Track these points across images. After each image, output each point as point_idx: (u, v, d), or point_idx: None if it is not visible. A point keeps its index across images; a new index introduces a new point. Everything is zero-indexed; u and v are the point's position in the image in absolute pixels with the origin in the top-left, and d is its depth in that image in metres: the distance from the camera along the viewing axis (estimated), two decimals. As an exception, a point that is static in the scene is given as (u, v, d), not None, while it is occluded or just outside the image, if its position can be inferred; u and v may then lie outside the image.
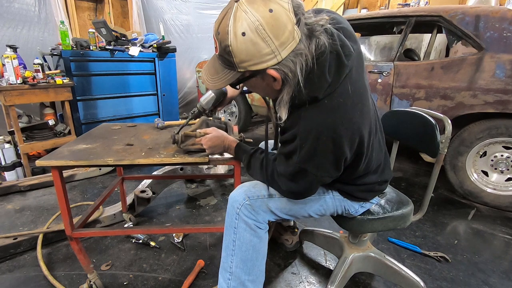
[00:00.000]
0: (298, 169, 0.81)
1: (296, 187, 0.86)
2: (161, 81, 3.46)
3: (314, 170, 0.81)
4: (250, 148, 1.05)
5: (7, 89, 2.20)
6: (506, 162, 1.98)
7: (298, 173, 0.83)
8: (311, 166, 0.80)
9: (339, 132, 0.76)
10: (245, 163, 1.03)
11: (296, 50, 0.69)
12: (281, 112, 0.78)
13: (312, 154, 0.78)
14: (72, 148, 1.13)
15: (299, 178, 0.84)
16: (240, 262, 0.95)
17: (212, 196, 2.16)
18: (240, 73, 0.74)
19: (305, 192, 0.89)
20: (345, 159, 0.81)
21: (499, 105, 1.84)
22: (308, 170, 0.81)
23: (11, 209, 1.95)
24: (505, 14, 1.83)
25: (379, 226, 1.06)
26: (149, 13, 4.16)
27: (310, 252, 1.55)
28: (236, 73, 0.74)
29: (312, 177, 0.82)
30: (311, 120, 0.77)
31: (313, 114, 0.77)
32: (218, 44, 0.72)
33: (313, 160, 0.79)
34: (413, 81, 2.13)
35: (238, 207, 0.93)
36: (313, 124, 0.76)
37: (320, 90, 0.75)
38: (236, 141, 1.08)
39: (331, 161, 0.80)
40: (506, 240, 1.68)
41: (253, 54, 0.68)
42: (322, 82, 0.75)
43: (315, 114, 0.77)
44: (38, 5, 3.29)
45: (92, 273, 1.24)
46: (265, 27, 0.65)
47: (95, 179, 2.42)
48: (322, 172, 0.82)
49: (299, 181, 0.84)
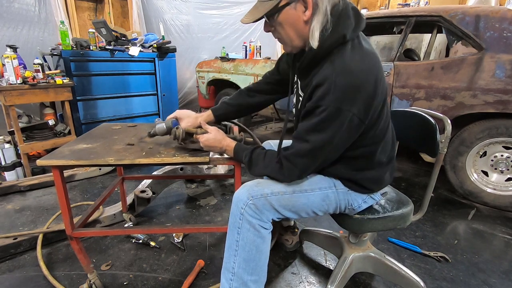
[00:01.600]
0: (332, 110, 0.80)
1: (320, 140, 0.84)
2: (161, 81, 3.46)
3: (348, 106, 0.79)
4: (250, 146, 1.05)
5: (7, 89, 2.20)
6: (506, 162, 1.98)
7: (331, 117, 0.81)
8: (346, 102, 0.79)
9: (369, 70, 0.82)
10: (246, 160, 1.02)
11: None
12: (313, 39, 0.83)
13: (347, 89, 0.79)
14: (72, 147, 1.13)
15: (330, 124, 0.82)
16: (243, 262, 0.95)
17: (212, 196, 2.16)
18: (277, 1, 0.82)
19: (327, 146, 0.86)
20: (374, 106, 0.84)
21: (499, 105, 1.84)
22: (343, 109, 0.80)
23: (11, 209, 1.95)
24: (505, 14, 1.83)
25: (379, 226, 1.06)
26: (149, 13, 4.16)
27: (310, 252, 1.55)
28: (274, 1, 0.83)
29: (345, 119, 0.81)
30: (343, 58, 0.82)
31: (344, 53, 0.82)
32: None
33: (347, 95, 0.79)
34: (413, 81, 2.13)
35: (242, 207, 0.93)
36: (346, 61, 0.81)
37: (347, 28, 0.82)
38: (235, 143, 1.08)
39: (362, 98, 0.80)
40: (506, 240, 1.68)
41: None
42: (347, 22, 0.82)
43: (347, 53, 0.82)
44: (38, 5, 3.29)
45: (92, 273, 1.24)
46: None
47: (95, 179, 2.42)
48: (355, 109, 0.80)
49: (329, 130, 0.83)
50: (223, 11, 4.89)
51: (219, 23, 4.90)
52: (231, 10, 4.95)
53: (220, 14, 4.87)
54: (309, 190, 0.99)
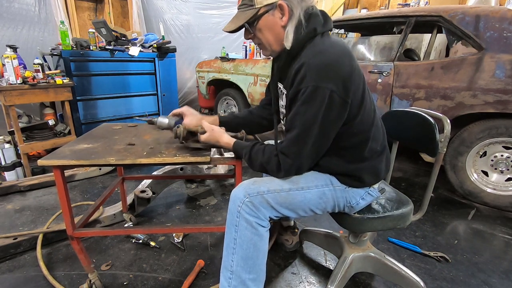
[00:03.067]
0: (310, 90, 0.84)
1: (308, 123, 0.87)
2: (161, 81, 3.46)
3: (325, 83, 0.83)
4: (250, 142, 1.06)
5: (7, 89, 2.20)
6: (506, 162, 1.98)
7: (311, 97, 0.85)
8: (321, 79, 0.83)
9: (341, 51, 0.87)
10: (246, 158, 1.03)
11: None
12: (287, 41, 0.92)
13: (320, 67, 0.84)
14: (73, 147, 1.13)
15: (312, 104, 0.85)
16: (241, 260, 0.95)
17: (212, 196, 2.16)
18: (257, 9, 0.91)
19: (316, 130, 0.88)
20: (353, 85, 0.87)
21: (499, 105, 1.84)
22: (320, 86, 0.83)
23: (11, 209, 1.95)
24: (505, 14, 1.84)
25: (379, 225, 1.06)
26: (149, 13, 4.16)
27: (310, 252, 1.55)
28: (253, 10, 0.91)
29: (325, 96, 0.84)
30: (315, 46, 0.90)
31: (315, 43, 0.90)
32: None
33: (322, 73, 0.84)
34: (413, 81, 2.13)
35: (239, 205, 0.94)
36: (318, 47, 0.89)
37: (318, 24, 0.92)
38: (233, 140, 1.08)
39: (338, 74, 0.84)
40: (506, 240, 1.69)
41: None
42: (317, 20, 0.93)
43: (318, 42, 0.90)
44: (38, 5, 3.29)
45: (93, 273, 1.24)
46: None
47: (95, 179, 2.42)
48: (333, 85, 0.83)
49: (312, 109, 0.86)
50: (223, 11, 4.89)
51: (219, 23, 4.90)
52: (231, 10, 4.94)
53: (220, 14, 4.87)
54: (306, 188, 0.99)
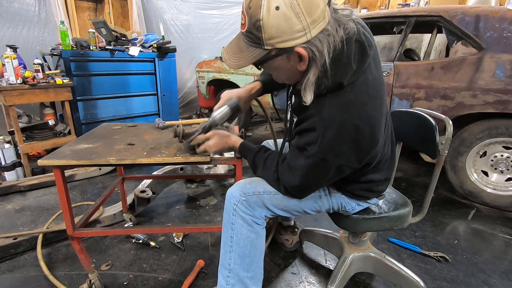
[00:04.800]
0: (317, 160, 0.78)
1: (308, 180, 0.85)
2: (161, 81, 3.46)
3: (335, 159, 0.77)
4: (255, 146, 1.05)
5: (7, 89, 2.20)
6: (506, 162, 1.98)
7: (317, 165, 0.79)
8: (333, 155, 0.76)
9: (364, 119, 0.74)
10: (250, 162, 1.03)
11: (325, 31, 0.69)
12: (306, 95, 0.75)
13: (335, 142, 0.75)
14: (73, 147, 1.13)
15: (316, 170, 0.80)
16: (238, 258, 0.96)
17: (212, 196, 2.16)
18: (267, 51, 0.72)
19: (315, 185, 0.90)
20: (370, 154, 0.80)
21: (499, 105, 1.84)
22: (328, 160, 0.77)
23: (11, 209, 1.95)
24: (505, 14, 1.84)
25: (375, 226, 1.07)
26: (149, 13, 4.16)
27: (310, 252, 1.55)
28: (262, 51, 0.72)
29: (331, 168, 0.79)
30: (336, 107, 0.75)
31: (337, 102, 0.75)
32: (247, 19, 0.70)
33: (335, 149, 0.76)
34: (413, 81, 2.13)
35: (235, 203, 0.94)
36: (338, 112, 0.75)
37: (346, 75, 0.74)
38: (240, 141, 1.07)
39: (353, 150, 0.76)
40: (506, 240, 1.69)
41: (283, 30, 0.67)
42: (347, 68, 0.74)
43: (340, 102, 0.75)
44: (38, 5, 3.29)
45: (93, 273, 1.24)
46: (299, 2, 0.64)
47: (95, 179, 2.42)
48: (344, 161, 0.78)
49: (316, 174, 0.82)
50: (223, 11, 4.89)
51: (219, 23, 4.90)
52: (231, 10, 4.94)
53: (220, 14, 4.87)
54: None
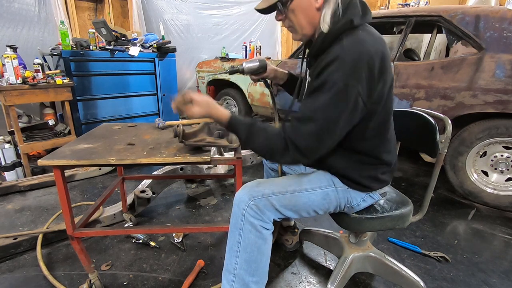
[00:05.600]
0: (341, 86, 0.81)
1: (328, 118, 0.84)
2: (161, 81, 3.46)
3: (355, 83, 0.81)
4: (249, 118, 0.99)
5: (7, 89, 2.20)
6: (506, 162, 1.98)
7: (338, 94, 0.82)
8: (354, 78, 0.81)
9: (376, 51, 0.83)
10: (244, 135, 0.93)
11: None
12: (325, 23, 0.87)
13: (356, 65, 0.81)
14: (73, 147, 1.13)
15: (338, 100, 0.83)
16: (244, 263, 0.95)
17: (212, 196, 2.16)
18: None
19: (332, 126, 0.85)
20: (377, 90, 0.85)
21: (499, 105, 1.84)
22: (349, 84, 0.81)
23: (11, 209, 1.95)
24: (505, 14, 1.84)
25: (377, 225, 1.06)
26: (149, 13, 4.16)
27: (310, 252, 1.55)
28: None
29: (351, 96, 0.82)
30: (352, 40, 0.84)
31: (352, 38, 0.84)
32: None
33: (356, 73, 0.81)
34: (413, 81, 2.13)
35: (244, 208, 0.93)
36: (355, 43, 0.83)
37: (356, 15, 0.85)
38: (229, 113, 0.96)
39: (368, 77, 0.82)
40: (506, 240, 1.69)
41: None
42: (356, 10, 0.86)
43: (354, 38, 0.84)
44: (38, 5, 3.29)
45: (93, 273, 1.24)
46: None
47: (95, 179, 2.42)
48: (361, 87, 0.82)
49: (337, 106, 0.83)
50: (223, 11, 4.89)
51: (219, 23, 4.90)
52: (231, 10, 4.95)
53: (220, 14, 4.87)
54: (310, 189, 0.99)
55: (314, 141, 0.85)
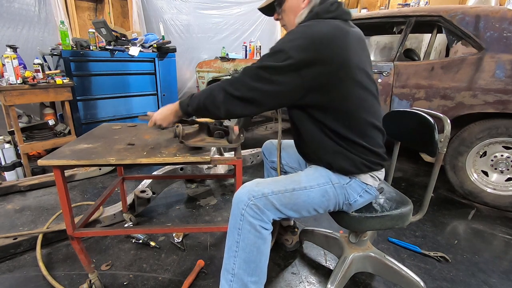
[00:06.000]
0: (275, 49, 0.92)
1: (257, 65, 0.93)
2: (161, 81, 3.46)
3: (288, 44, 0.90)
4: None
5: (7, 89, 2.20)
6: (506, 162, 1.98)
7: (270, 54, 0.93)
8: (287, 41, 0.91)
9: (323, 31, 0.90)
10: (195, 103, 1.03)
11: None
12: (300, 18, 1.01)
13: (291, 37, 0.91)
14: (73, 147, 1.13)
15: (269, 58, 0.92)
16: (243, 263, 0.95)
17: (212, 196, 2.16)
18: None
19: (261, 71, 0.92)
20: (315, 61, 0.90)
21: (499, 105, 1.84)
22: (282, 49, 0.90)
23: (11, 209, 1.95)
24: (505, 14, 1.84)
25: (377, 225, 1.06)
26: (149, 13, 4.16)
27: (310, 252, 1.55)
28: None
29: (281, 55, 0.90)
30: (305, 24, 0.96)
31: (309, 22, 0.96)
32: None
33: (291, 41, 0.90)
34: (413, 81, 2.13)
35: (243, 208, 0.93)
36: (305, 25, 0.94)
37: (324, 10, 0.97)
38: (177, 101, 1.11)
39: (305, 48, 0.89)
40: (506, 240, 1.69)
41: None
42: (325, 6, 0.98)
43: (310, 22, 0.95)
44: (38, 5, 3.29)
45: (93, 272, 1.24)
46: None
47: (95, 179, 2.42)
48: (293, 48, 0.89)
49: (266, 59, 0.93)
50: (223, 11, 4.89)
51: (219, 23, 4.90)
52: (231, 10, 4.95)
53: (220, 14, 4.87)
54: (308, 187, 0.99)
55: (245, 91, 0.94)
